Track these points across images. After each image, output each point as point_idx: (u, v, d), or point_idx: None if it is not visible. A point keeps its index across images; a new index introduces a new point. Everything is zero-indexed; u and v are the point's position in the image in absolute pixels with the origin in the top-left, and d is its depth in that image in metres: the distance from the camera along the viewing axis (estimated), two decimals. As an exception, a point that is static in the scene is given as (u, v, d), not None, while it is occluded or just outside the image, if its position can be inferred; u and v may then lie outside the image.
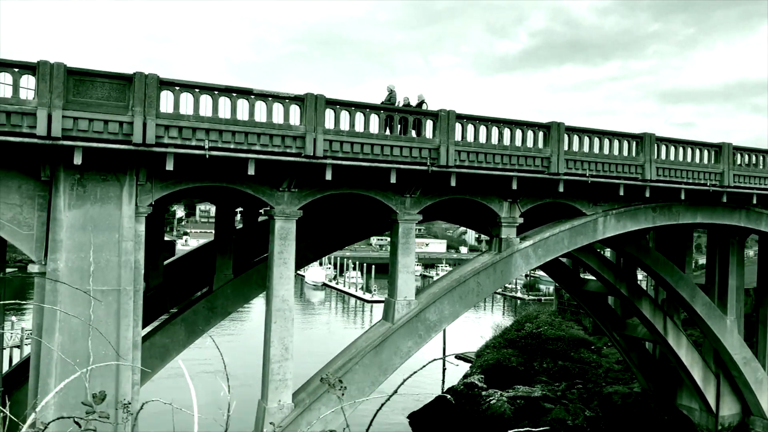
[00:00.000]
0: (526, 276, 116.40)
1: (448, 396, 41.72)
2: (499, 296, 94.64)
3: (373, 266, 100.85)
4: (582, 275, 38.91)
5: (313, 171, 18.57)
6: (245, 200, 25.37)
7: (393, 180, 18.84)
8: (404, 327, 20.24)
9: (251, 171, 17.24)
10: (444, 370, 50.27)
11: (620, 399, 38.25)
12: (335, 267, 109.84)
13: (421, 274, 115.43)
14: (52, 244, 16.51)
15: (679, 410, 37.11)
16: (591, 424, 37.08)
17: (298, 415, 18.96)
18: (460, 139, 19.55)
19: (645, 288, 37.67)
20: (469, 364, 49.06)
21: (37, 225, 16.86)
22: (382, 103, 19.55)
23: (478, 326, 64.84)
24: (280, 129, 17.36)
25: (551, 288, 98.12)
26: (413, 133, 19.32)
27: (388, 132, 19.11)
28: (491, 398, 39.86)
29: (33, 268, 16.70)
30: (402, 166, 18.78)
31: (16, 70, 15.04)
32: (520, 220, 22.14)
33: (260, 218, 27.55)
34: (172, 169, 16.48)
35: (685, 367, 34.78)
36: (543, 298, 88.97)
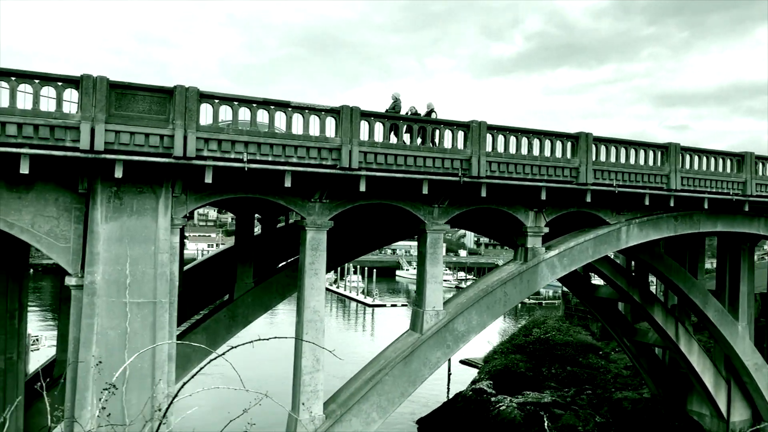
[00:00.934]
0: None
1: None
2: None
3: (374, 270, 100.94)
4: (592, 281, 39.29)
5: (346, 182, 18.79)
6: (265, 207, 25.55)
7: (425, 191, 19.08)
8: (433, 337, 20.47)
9: (288, 183, 17.44)
10: (449, 374, 50.61)
11: (630, 405, 38.68)
12: (335, 271, 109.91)
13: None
14: (89, 256, 16.62)
15: (690, 416, 37.48)
16: (602, 430, 37.42)
17: (329, 427, 19.15)
18: (490, 149, 19.81)
19: (654, 293, 38.05)
20: (476, 370, 49.42)
21: (74, 237, 16.97)
22: (387, 110, 19.57)
23: (487, 333, 65.10)
24: (316, 141, 17.56)
25: (551, 291, 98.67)
26: (433, 144, 19.50)
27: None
28: (501, 404, 40.16)
29: (70, 281, 16.81)
30: (434, 177, 19.02)
31: (60, 84, 15.18)
32: (546, 230, 22.44)
33: (279, 225, 27.75)
34: (210, 181, 16.65)
35: (696, 372, 35.13)
36: (544, 302, 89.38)
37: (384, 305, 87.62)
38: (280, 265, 27.60)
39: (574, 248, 22.58)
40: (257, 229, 27.97)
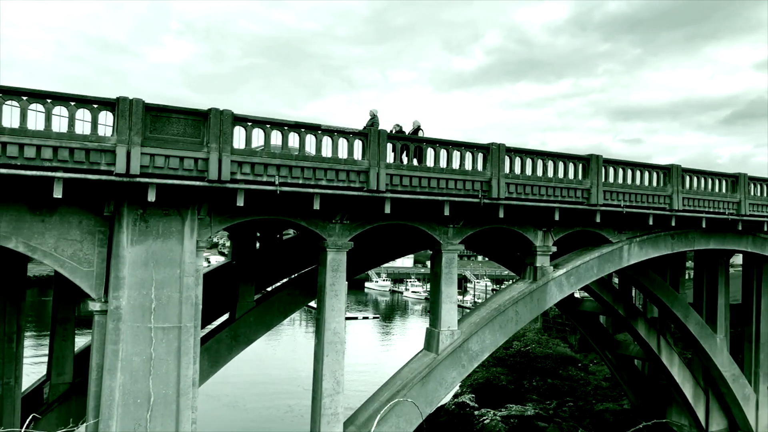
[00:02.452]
0: (493, 290, 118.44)
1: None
2: (468, 310, 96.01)
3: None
4: (575, 294, 40.28)
5: (369, 204, 19.02)
6: (267, 225, 25.50)
7: (447, 212, 19.47)
8: (449, 358, 20.82)
9: (316, 206, 17.59)
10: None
11: (612, 416, 39.77)
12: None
13: (390, 290, 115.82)
14: (114, 281, 16.42)
15: (670, 427, 38.71)
16: (586, 442, 38.38)
17: (350, 449, 19.27)
18: (508, 171, 20.32)
19: (637, 306, 39.23)
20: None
21: (97, 261, 16.75)
22: (364, 128, 19.52)
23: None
24: (345, 164, 17.77)
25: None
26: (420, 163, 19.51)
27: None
28: (484, 417, 40.74)
29: (94, 306, 16.56)
30: (456, 199, 19.43)
31: (95, 106, 15.02)
32: (554, 249, 23.08)
33: (285, 237, 27.78)
34: (242, 204, 16.68)
35: (677, 384, 36.32)
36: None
37: (356, 317, 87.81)
38: (280, 282, 27.59)
39: (580, 267, 23.29)
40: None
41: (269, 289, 27.60)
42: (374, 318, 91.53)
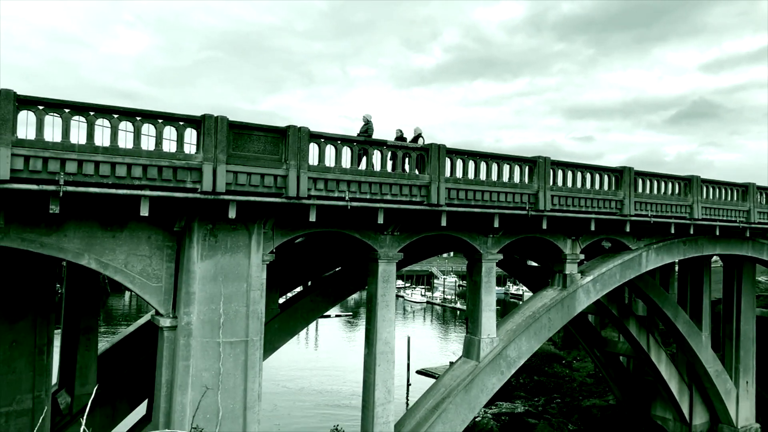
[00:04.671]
0: (460, 286, 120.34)
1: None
2: (438, 307, 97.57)
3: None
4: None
5: (425, 217, 19.60)
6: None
7: (496, 224, 20.25)
8: (490, 365, 21.67)
9: (380, 220, 18.08)
10: (408, 385, 52.06)
11: (599, 412, 41.54)
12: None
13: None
14: (185, 296, 16.58)
15: (654, 421, 40.68)
16: (576, 437, 39.99)
17: (402, 457, 19.89)
18: (552, 183, 21.23)
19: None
20: (434, 380, 50.98)
21: (166, 276, 16.87)
22: (359, 133, 19.86)
23: (437, 341, 67.12)
24: (409, 179, 18.30)
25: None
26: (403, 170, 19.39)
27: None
28: (476, 416, 41.85)
29: (164, 323, 16.68)
30: (506, 211, 20.20)
31: (181, 123, 15.11)
32: (582, 256, 24.16)
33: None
34: (314, 220, 17.03)
35: (663, 380, 38.18)
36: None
37: (329, 315, 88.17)
38: (299, 288, 27.92)
39: (605, 273, 24.46)
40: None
41: (289, 295, 27.89)
42: (347, 315, 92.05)
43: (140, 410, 25.08)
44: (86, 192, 13.91)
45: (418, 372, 55.42)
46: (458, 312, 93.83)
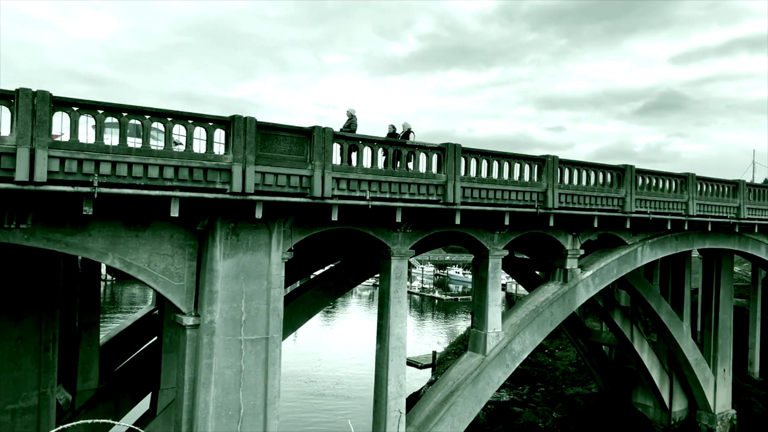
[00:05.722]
0: (436, 275, 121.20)
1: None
2: (417, 296, 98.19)
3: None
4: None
5: (439, 215, 19.98)
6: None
7: (507, 222, 20.75)
8: (496, 358, 22.23)
9: (398, 218, 18.42)
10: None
11: (582, 400, 42.61)
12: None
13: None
14: (208, 295, 16.73)
15: (635, 408, 41.93)
16: (560, 425, 41.03)
17: (414, 450, 20.37)
18: (559, 182, 21.78)
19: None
20: (416, 369, 51.72)
21: (188, 275, 17.00)
22: (342, 128, 19.77)
23: (417, 331, 67.74)
24: (426, 178, 18.65)
25: (459, 287, 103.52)
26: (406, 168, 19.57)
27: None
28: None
29: (187, 321, 16.81)
30: (516, 210, 20.68)
31: (210, 124, 15.20)
32: (582, 252, 24.81)
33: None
34: (336, 219, 17.28)
35: (645, 368, 39.35)
36: (460, 298, 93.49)
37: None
38: (298, 282, 28.14)
39: (603, 268, 25.19)
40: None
41: (288, 289, 28.06)
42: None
43: (143, 404, 25.12)
44: (119, 194, 13.96)
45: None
46: (436, 301, 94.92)
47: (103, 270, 25.37)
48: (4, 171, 12.83)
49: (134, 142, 14.69)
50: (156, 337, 26.24)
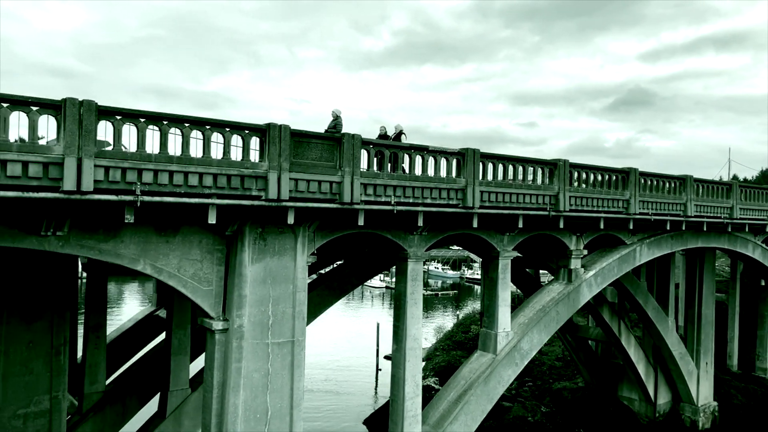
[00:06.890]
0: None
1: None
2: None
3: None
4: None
5: (456, 218, 20.45)
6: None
7: (520, 225, 21.31)
8: (506, 357, 22.82)
9: (420, 222, 18.84)
10: (378, 370, 53.16)
11: (570, 394, 43.60)
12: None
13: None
14: (237, 299, 16.97)
15: (621, 401, 43.04)
16: (548, 419, 41.95)
17: (429, 449, 20.87)
18: (569, 185, 22.43)
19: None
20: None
21: (216, 280, 17.20)
22: (327, 129, 19.46)
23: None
24: (447, 183, 19.09)
25: (439, 282, 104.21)
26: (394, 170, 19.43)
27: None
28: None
29: (216, 326, 17.02)
30: (530, 212, 21.27)
31: (246, 132, 15.41)
32: (585, 252, 25.53)
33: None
34: (362, 224, 17.63)
35: (632, 362, 40.40)
36: (440, 293, 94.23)
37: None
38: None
39: (605, 268, 25.96)
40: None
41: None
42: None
43: (151, 407, 25.18)
44: (161, 201, 14.13)
45: (387, 357, 56.55)
46: None
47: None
48: (51, 180, 12.91)
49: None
50: (161, 339, 26.34)
